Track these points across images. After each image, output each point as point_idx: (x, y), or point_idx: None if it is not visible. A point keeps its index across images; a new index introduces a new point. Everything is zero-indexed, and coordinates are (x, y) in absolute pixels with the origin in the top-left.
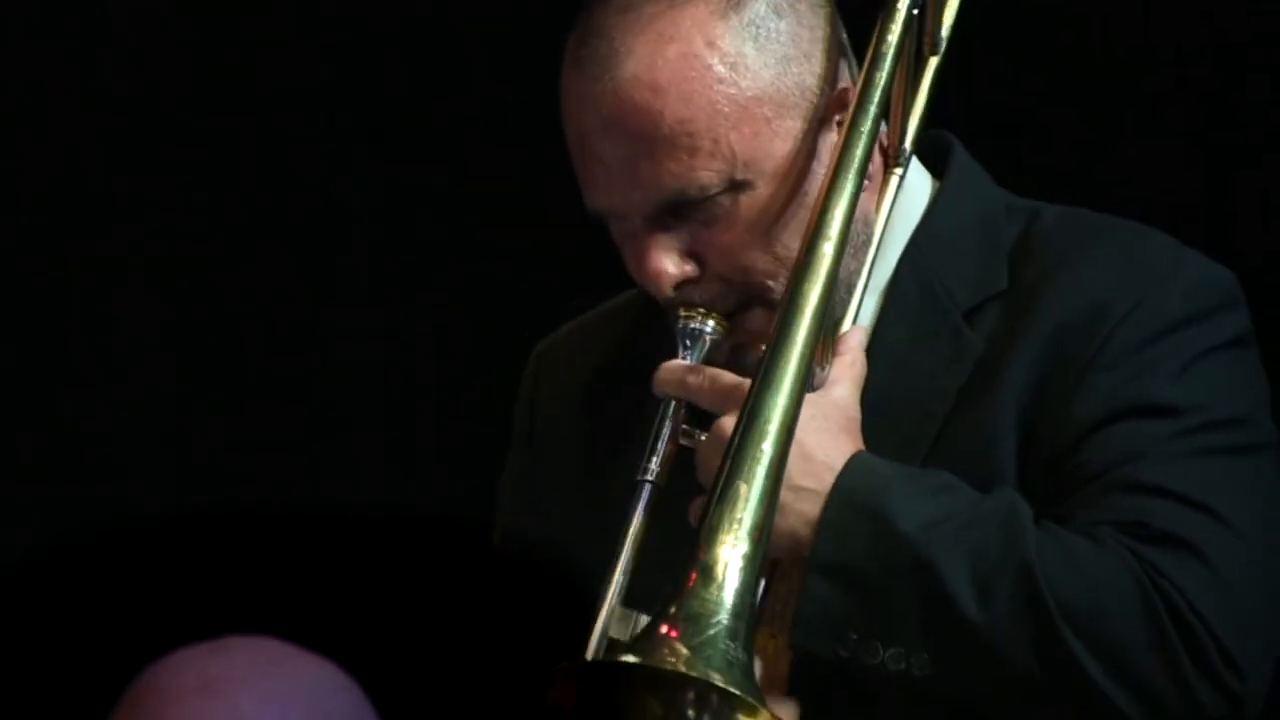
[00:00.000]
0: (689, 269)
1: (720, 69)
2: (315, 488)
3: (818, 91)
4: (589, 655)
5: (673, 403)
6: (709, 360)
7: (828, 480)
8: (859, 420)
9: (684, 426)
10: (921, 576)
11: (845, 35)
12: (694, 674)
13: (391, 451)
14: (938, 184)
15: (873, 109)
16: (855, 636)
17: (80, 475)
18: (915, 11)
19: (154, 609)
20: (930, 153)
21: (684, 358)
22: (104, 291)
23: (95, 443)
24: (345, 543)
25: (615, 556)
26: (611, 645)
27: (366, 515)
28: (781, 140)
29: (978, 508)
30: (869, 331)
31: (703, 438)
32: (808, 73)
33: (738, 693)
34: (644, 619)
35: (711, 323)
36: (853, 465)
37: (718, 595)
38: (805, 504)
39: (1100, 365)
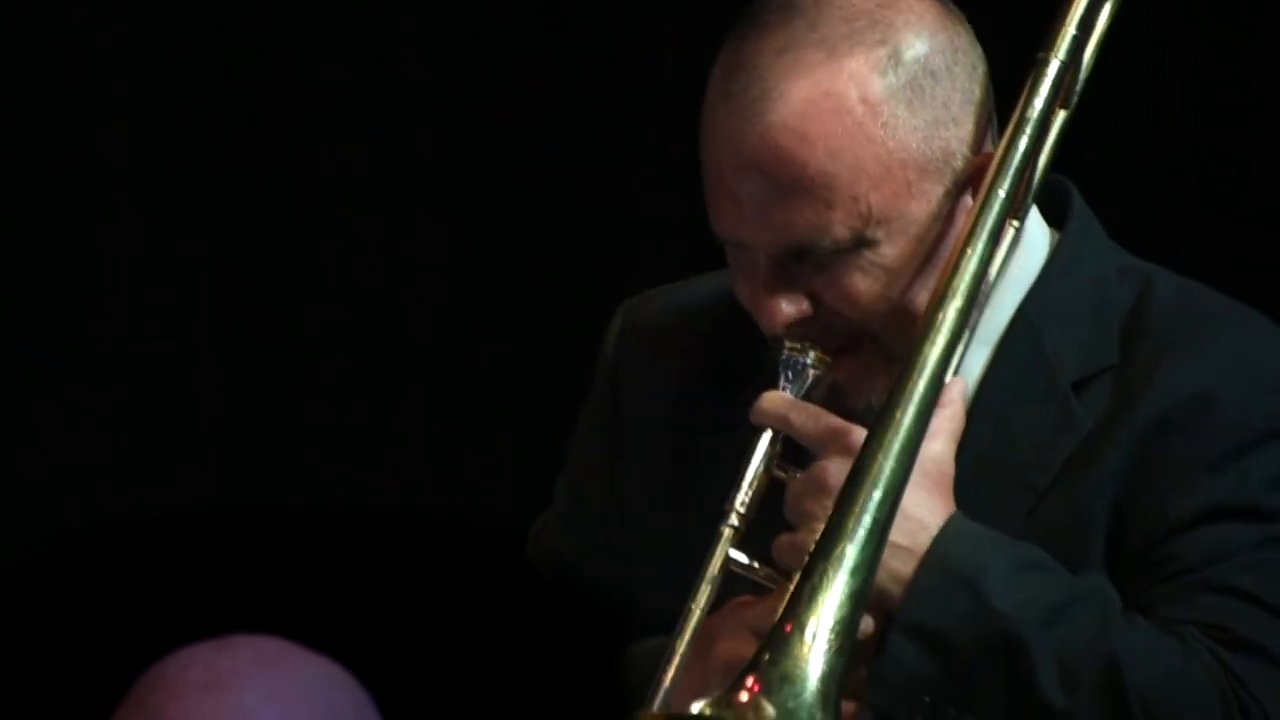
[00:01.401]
0: (805, 309)
1: (871, 128)
2: (321, 488)
3: (961, 158)
4: (668, 676)
5: (768, 434)
6: (807, 396)
7: (921, 539)
8: (952, 476)
9: (778, 461)
10: (1009, 655)
11: (991, 93)
12: None
13: (397, 451)
14: (1056, 234)
15: (1011, 176)
16: (930, 701)
17: (85, 473)
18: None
19: (159, 608)
20: (1047, 199)
21: (783, 388)
22: (103, 290)
23: (100, 441)
24: (350, 543)
25: (696, 586)
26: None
27: (370, 515)
28: (918, 202)
29: (1070, 590)
30: (973, 388)
31: (798, 475)
32: (954, 138)
33: None
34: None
35: (814, 356)
36: (950, 529)
37: (811, 657)
38: (896, 561)
39: (1203, 464)
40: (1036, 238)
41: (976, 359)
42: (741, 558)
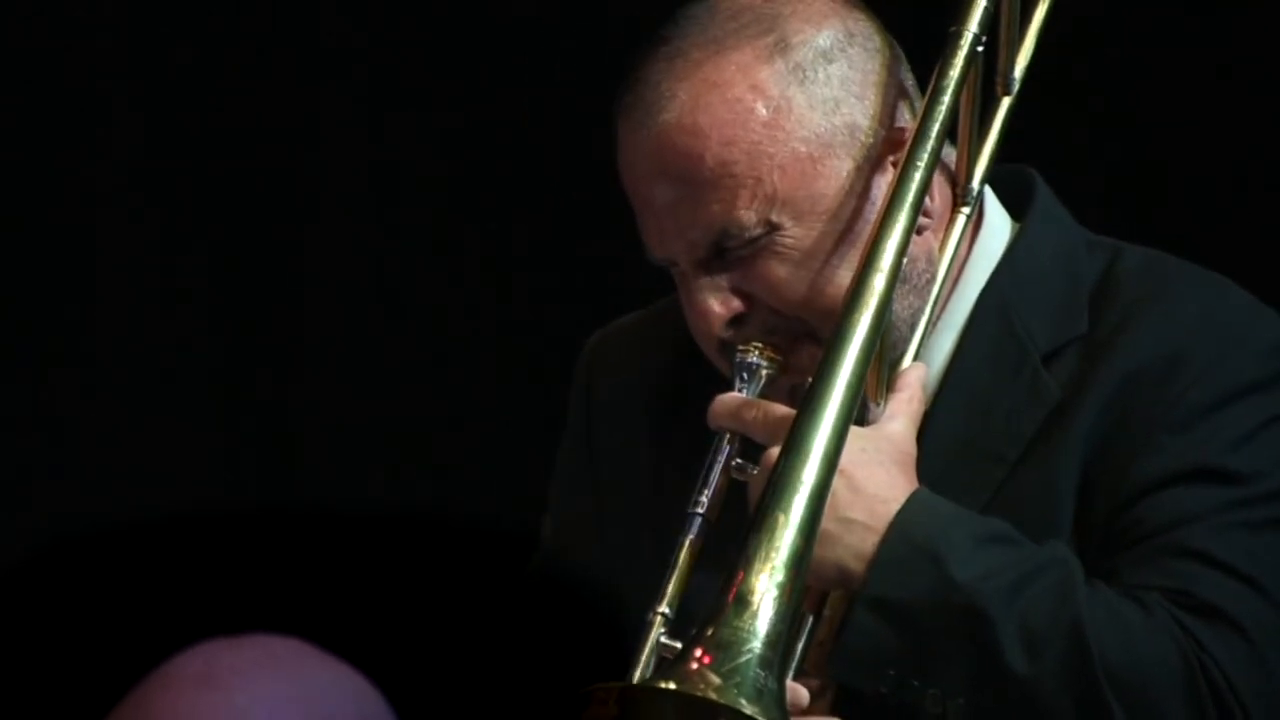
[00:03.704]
0: (736, 305)
1: (763, 112)
2: (329, 489)
3: (870, 132)
4: (639, 663)
5: (726, 435)
6: (766, 398)
7: (879, 512)
8: (914, 456)
9: (737, 460)
10: (972, 625)
11: (909, 78)
12: (724, 701)
13: (400, 452)
14: (1019, 225)
15: (930, 144)
16: (894, 674)
17: (87, 474)
18: (980, 49)
19: (167, 609)
20: (1012, 191)
21: (739, 390)
22: (102, 290)
23: (113, 440)
24: (367, 546)
25: (662, 587)
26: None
27: (392, 518)
28: (826, 181)
29: (1033, 561)
30: (942, 369)
31: (754, 472)
32: (859, 114)
33: None
34: None
35: (764, 355)
36: (912, 503)
37: (751, 624)
38: (854, 536)
39: (1169, 425)
40: (998, 226)
41: (944, 342)
42: None
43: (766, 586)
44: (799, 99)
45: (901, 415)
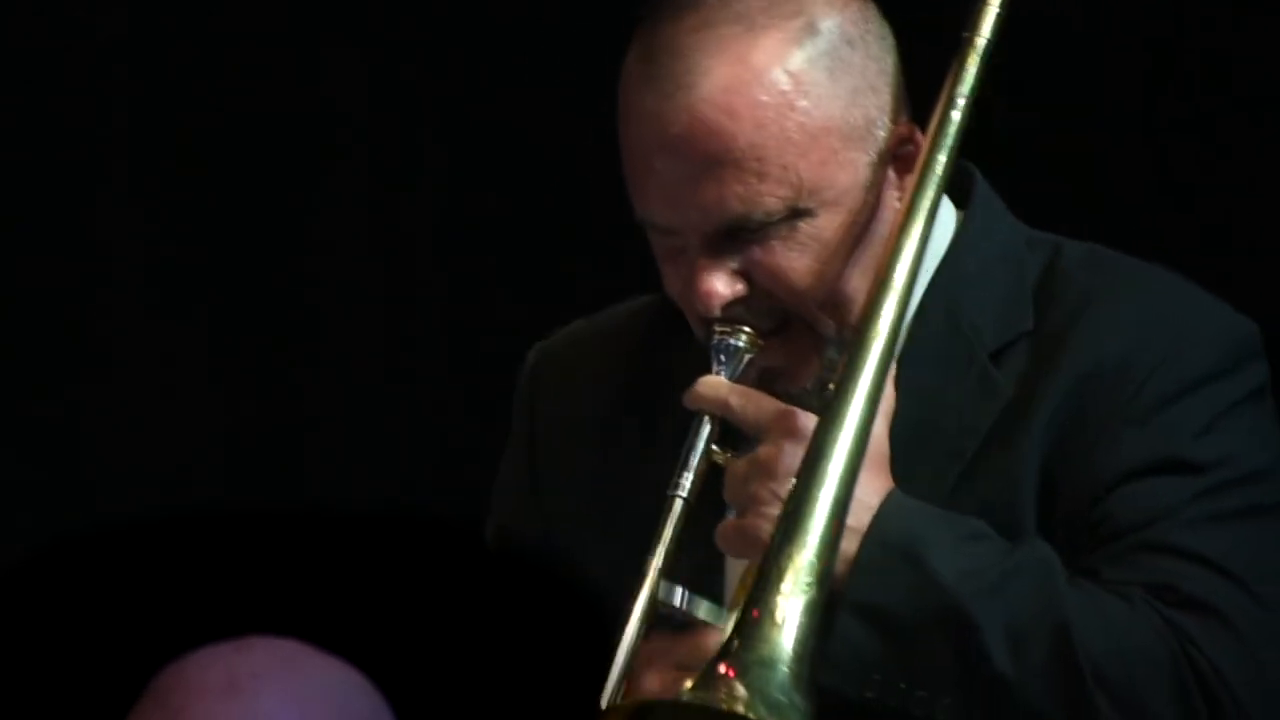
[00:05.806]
0: (739, 288)
1: (795, 97)
2: (322, 489)
3: (883, 126)
4: (616, 670)
5: (707, 419)
6: (739, 379)
7: (864, 518)
8: (888, 455)
9: (714, 445)
10: (956, 628)
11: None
12: (754, 716)
13: (399, 453)
14: (960, 214)
15: (949, 150)
16: (880, 678)
17: (88, 474)
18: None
19: (166, 609)
20: (952, 183)
21: (717, 373)
22: (103, 290)
23: (113, 440)
24: (355, 545)
25: (645, 572)
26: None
27: (373, 517)
28: (845, 171)
29: (1014, 559)
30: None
31: (731, 456)
32: (874, 106)
33: None
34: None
35: (745, 338)
36: (889, 506)
37: (780, 639)
38: (842, 541)
39: (1127, 419)
40: (944, 218)
41: None
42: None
43: (798, 602)
44: (826, 86)
45: (877, 414)
